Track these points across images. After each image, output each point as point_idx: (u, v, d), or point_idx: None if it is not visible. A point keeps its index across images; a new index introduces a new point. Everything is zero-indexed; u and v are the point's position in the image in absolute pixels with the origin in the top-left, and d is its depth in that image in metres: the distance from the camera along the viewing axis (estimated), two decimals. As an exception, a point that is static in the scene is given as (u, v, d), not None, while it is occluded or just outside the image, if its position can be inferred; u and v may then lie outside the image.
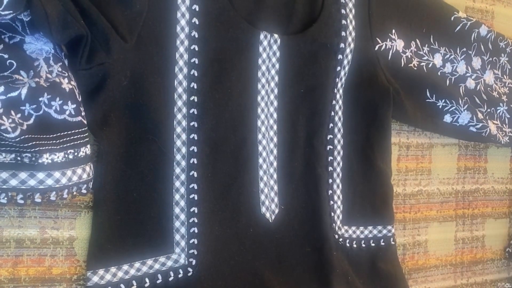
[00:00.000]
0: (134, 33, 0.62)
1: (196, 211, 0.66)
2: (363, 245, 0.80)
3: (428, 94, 0.87)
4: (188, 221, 0.66)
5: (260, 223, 0.71)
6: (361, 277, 0.78)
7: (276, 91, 0.73)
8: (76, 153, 0.57)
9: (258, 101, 0.71)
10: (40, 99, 0.54)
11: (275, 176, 0.73)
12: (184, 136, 0.66)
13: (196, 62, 0.66)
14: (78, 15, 0.55)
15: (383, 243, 0.82)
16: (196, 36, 0.66)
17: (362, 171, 0.81)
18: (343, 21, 0.76)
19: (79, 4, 0.56)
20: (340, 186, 0.79)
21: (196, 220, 0.66)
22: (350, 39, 0.77)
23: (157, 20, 0.64)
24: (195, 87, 0.66)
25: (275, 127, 0.73)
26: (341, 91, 0.78)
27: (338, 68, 0.76)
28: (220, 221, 0.68)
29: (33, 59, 0.55)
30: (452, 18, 0.91)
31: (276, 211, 0.72)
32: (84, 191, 0.59)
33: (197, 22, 0.66)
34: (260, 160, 0.71)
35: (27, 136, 0.52)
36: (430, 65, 0.88)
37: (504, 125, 0.97)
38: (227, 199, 0.69)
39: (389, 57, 0.83)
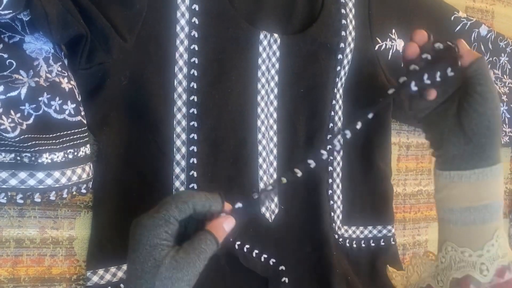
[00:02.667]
0: (134, 32, 0.62)
1: (196, 211, 0.66)
2: (363, 245, 0.80)
3: (428, 94, 0.87)
4: (188, 221, 0.66)
5: (260, 223, 0.71)
6: (361, 277, 0.78)
7: (276, 90, 0.73)
8: (75, 153, 0.57)
9: (258, 101, 0.71)
10: (40, 98, 0.54)
11: (275, 176, 0.72)
12: (184, 136, 0.66)
13: (196, 61, 0.66)
14: (78, 15, 0.55)
15: (383, 243, 0.82)
16: (196, 35, 0.66)
17: (362, 171, 0.81)
18: (343, 21, 0.76)
19: (79, 3, 0.56)
20: (340, 186, 0.79)
21: (195, 220, 0.66)
22: (350, 38, 0.77)
23: (156, 20, 0.64)
24: (195, 86, 0.66)
25: (275, 127, 0.73)
26: (341, 90, 0.78)
27: (338, 67, 0.76)
28: (220, 221, 0.68)
29: (33, 59, 0.55)
30: (452, 18, 0.91)
31: (276, 211, 0.72)
32: (83, 190, 0.59)
33: (197, 22, 0.66)
34: (260, 160, 0.71)
35: (26, 135, 0.52)
36: (430, 65, 0.88)
37: (504, 125, 0.97)
38: (227, 199, 0.69)
39: (389, 57, 0.83)
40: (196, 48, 0.66)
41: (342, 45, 0.76)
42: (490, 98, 0.48)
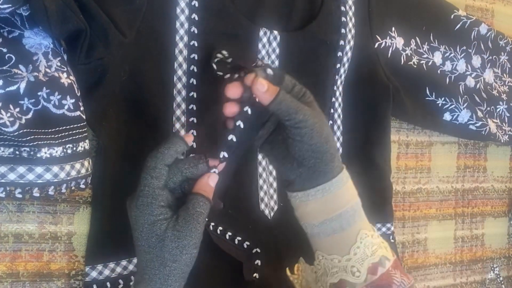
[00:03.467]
0: (133, 28, 0.62)
1: (194, 207, 0.66)
2: (362, 243, 0.80)
3: (428, 92, 0.87)
4: (186, 217, 0.66)
5: (259, 220, 0.71)
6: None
7: (275, 87, 0.72)
8: (74, 148, 0.57)
9: (258, 98, 0.71)
10: (39, 93, 0.54)
11: (274, 173, 0.72)
12: (182, 132, 0.66)
13: (196, 57, 0.66)
14: (77, 10, 0.55)
15: (382, 241, 0.82)
16: (196, 32, 0.66)
17: (361, 168, 0.81)
18: (343, 18, 0.76)
19: (78, -2, 0.56)
20: (339, 183, 0.79)
21: (194, 216, 0.66)
22: (349, 36, 0.77)
23: (156, 16, 0.64)
24: (194, 83, 0.66)
25: (274, 123, 0.72)
26: (340, 88, 0.78)
27: (338, 65, 0.76)
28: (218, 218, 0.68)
29: (32, 54, 0.55)
30: (452, 16, 0.91)
31: (275, 208, 0.72)
32: (82, 186, 0.59)
33: (196, 18, 0.66)
34: (259, 157, 0.71)
35: (25, 130, 0.52)
36: (430, 63, 0.88)
37: (503, 124, 0.97)
38: (225, 196, 0.69)
39: (389, 55, 0.83)
40: (196, 44, 0.66)
41: (342, 42, 0.76)
42: (302, 126, 0.50)
